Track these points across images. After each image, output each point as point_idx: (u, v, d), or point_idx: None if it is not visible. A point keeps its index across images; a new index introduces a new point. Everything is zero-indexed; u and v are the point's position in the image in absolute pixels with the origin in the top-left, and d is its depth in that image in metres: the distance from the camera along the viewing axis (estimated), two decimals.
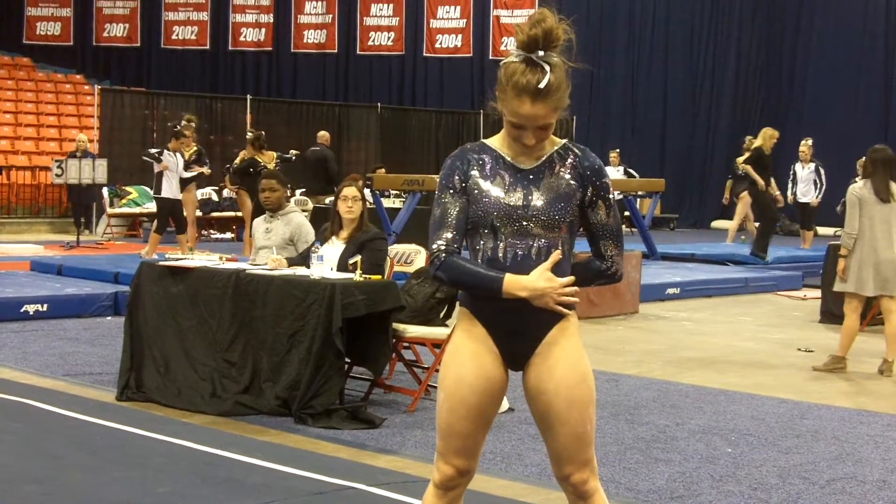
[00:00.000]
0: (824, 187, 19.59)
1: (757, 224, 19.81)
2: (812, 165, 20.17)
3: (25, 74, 30.25)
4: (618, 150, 23.81)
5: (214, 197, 24.05)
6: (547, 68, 3.68)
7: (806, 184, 20.12)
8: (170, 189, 16.30)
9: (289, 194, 10.30)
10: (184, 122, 18.19)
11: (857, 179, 11.48)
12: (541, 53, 3.69)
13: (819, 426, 7.64)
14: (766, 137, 17.95)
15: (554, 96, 3.73)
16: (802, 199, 20.22)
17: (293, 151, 18.89)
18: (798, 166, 20.38)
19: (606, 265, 3.82)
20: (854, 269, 9.67)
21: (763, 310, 14.33)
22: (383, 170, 21.10)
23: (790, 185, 20.52)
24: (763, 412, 8.01)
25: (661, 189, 20.01)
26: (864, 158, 10.19)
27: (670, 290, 14.96)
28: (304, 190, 20.98)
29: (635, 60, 31.94)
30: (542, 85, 3.64)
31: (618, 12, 31.82)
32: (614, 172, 23.02)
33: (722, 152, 31.49)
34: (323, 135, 22.08)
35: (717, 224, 30.74)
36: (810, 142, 20.34)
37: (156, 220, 16.98)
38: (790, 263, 18.23)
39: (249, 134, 17.84)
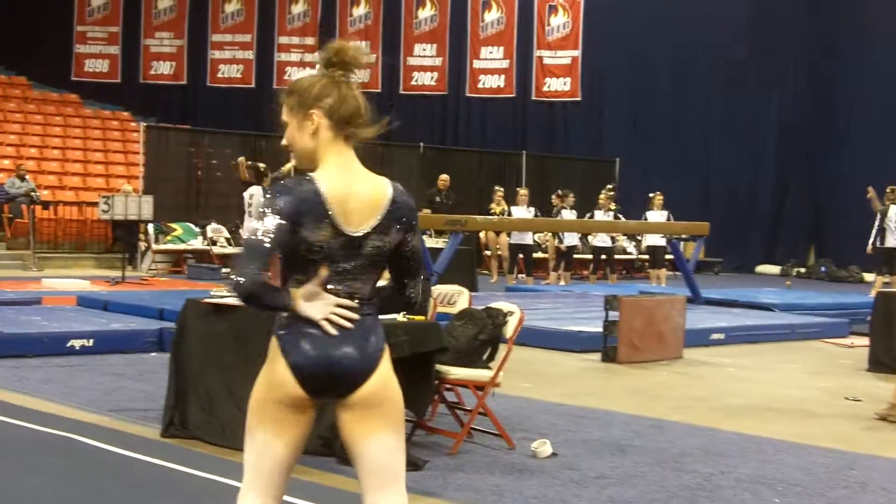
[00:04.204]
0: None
1: None
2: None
3: (73, 111, 30.55)
4: (660, 193, 23.58)
5: None
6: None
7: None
8: None
9: None
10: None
11: None
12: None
13: (868, 477, 7.54)
14: None
15: (285, 97, 3.88)
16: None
17: None
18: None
19: None
20: None
21: (809, 357, 14.20)
22: (428, 210, 21.17)
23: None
24: (810, 462, 7.91)
25: (706, 233, 19.92)
26: None
27: (715, 336, 14.84)
28: None
29: (678, 102, 31.87)
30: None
31: (661, 53, 31.80)
32: (658, 216, 22.84)
33: (767, 196, 31.39)
34: (441, 178, 22.73)
35: (761, 269, 30.57)
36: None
37: None
38: (836, 311, 18.06)
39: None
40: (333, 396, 3.77)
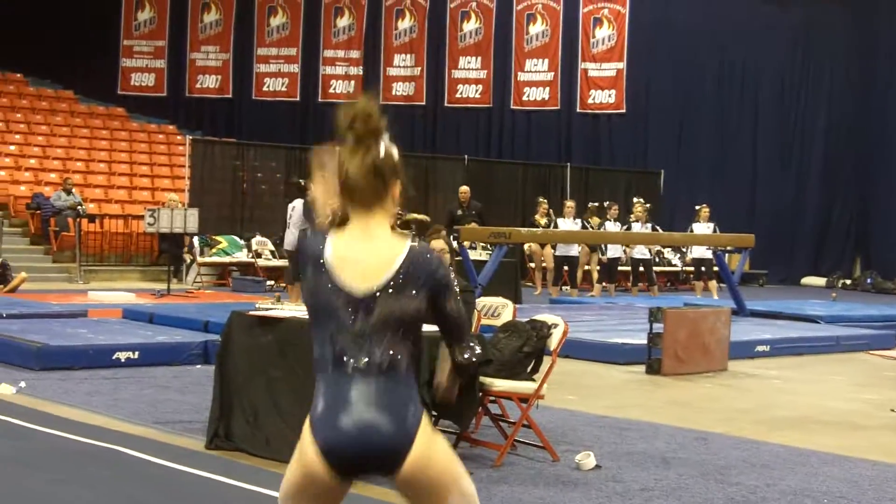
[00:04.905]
0: None
1: None
2: None
3: (119, 124, 30.76)
4: (706, 205, 23.49)
5: None
6: None
7: None
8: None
9: None
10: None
11: None
12: None
13: None
14: None
15: None
16: None
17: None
18: None
19: None
20: None
21: (855, 369, 14.10)
22: (474, 223, 21.15)
23: None
24: (856, 475, 7.86)
25: (751, 245, 19.82)
26: None
27: (760, 348, 14.76)
28: None
29: (723, 113, 31.77)
30: None
31: (705, 64, 31.72)
32: (704, 228, 22.77)
33: (813, 207, 31.20)
34: (461, 190, 22.65)
35: (807, 280, 30.37)
36: None
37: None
38: (882, 322, 17.92)
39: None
40: (368, 475, 3.71)
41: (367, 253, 3.65)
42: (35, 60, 31.21)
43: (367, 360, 3.61)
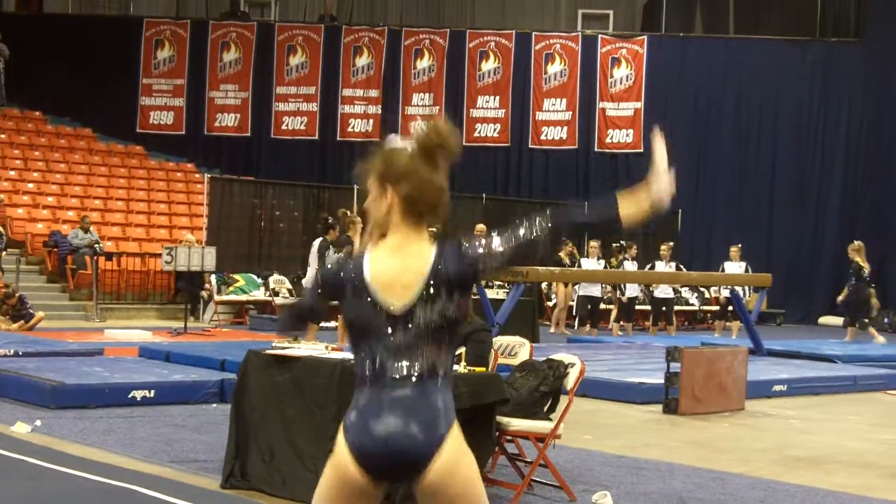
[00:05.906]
0: None
1: None
2: None
3: (138, 162, 30.85)
4: (738, 245, 23.63)
5: None
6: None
7: None
8: None
9: None
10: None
11: None
12: None
13: None
14: None
15: (373, 163, 3.90)
16: None
17: None
18: None
19: None
20: None
21: (873, 409, 14.04)
22: None
23: None
24: None
25: (768, 284, 19.79)
26: None
27: (777, 387, 14.71)
28: None
29: (741, 152, 31.84)
30: None
31: (723, 103, 31.82)
32: (736, 267, 22.87)
33: (830, 246, 31.13)
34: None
35: (824, 320, 30.27)
36: None
37: None
38: None
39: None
40: (397, 480, 3.72)
41: (401, 267, 3.72)
42: (54, 98, 31.40)
43: (406, 371, 3.68)
